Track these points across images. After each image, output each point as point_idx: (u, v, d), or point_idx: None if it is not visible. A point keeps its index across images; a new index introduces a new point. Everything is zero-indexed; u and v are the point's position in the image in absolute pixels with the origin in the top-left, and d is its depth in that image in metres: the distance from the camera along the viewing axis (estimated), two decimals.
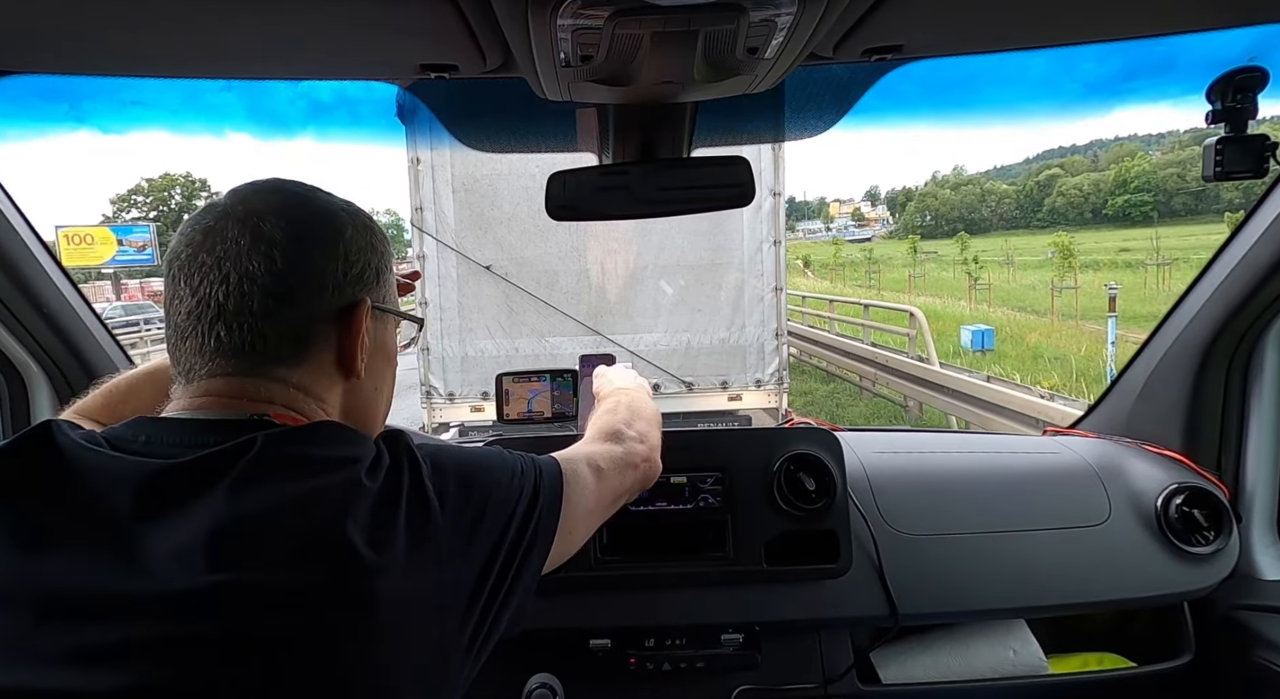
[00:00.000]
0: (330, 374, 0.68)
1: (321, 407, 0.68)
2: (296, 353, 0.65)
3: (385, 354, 0.75)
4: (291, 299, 0.64)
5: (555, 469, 0.79)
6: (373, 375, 0.72)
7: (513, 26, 0.72)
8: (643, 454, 0.93)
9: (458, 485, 0.66)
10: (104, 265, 27.04)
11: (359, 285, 0.69)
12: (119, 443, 0.61)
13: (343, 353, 0.68)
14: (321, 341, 0.67)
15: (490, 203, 5.26)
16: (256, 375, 0.64)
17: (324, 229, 0.67)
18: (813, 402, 10.55)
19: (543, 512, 0.73)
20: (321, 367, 0.67)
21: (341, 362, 0.68)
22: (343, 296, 0.67)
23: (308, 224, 0.67)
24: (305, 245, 0.65)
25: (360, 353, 0.68)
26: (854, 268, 43.71)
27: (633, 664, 1.25)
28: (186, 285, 0.64)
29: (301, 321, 0.65)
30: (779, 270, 5.47)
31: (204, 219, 0.66)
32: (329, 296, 0.66)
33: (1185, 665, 1.31)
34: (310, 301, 0.65)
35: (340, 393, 0.70)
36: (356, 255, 0.69)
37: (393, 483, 0.62)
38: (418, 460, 0.66)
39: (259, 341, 0.64)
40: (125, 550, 0.54)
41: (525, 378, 1.33)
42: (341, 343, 0.68)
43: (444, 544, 0.62)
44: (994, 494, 1.36)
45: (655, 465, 0.95)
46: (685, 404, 5.39)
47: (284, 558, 0.55)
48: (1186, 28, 0.90)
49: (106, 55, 0.89)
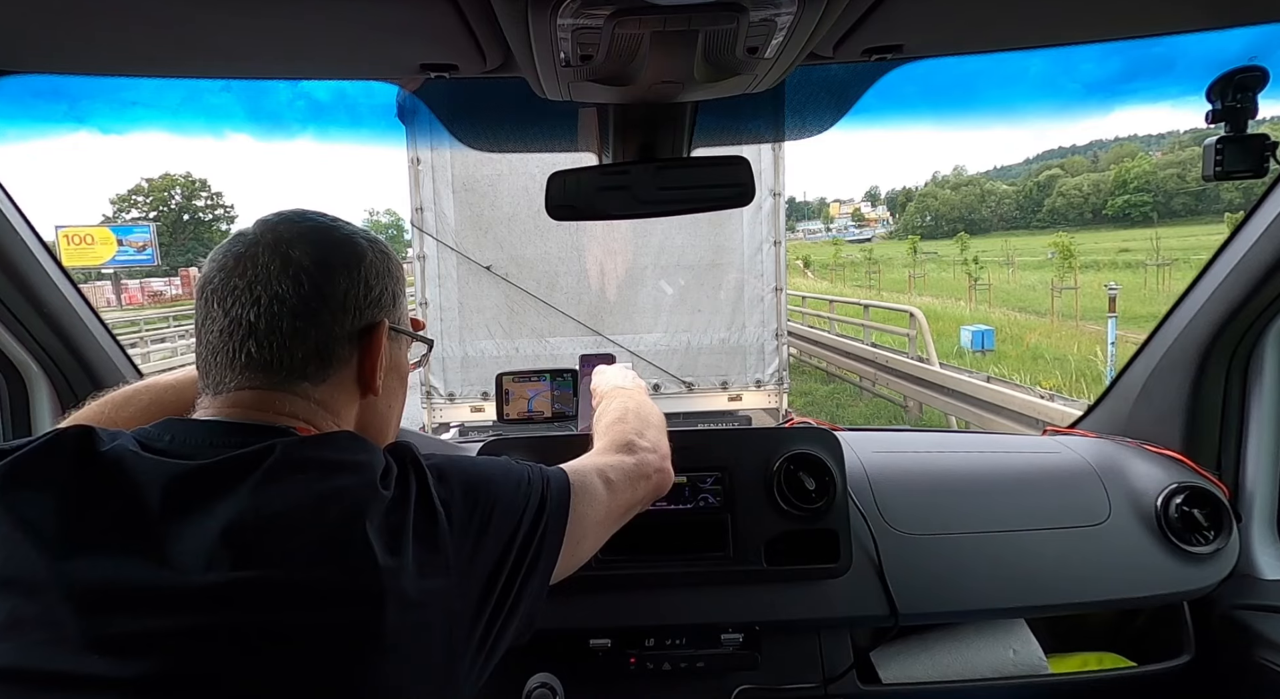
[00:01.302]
0: (349, 390, 0.72)
1: (338, 422, 0.71)
2: (320, 370, 0.70)
3: (399, 373, 0.79)
4: (317, 319, 0.69)
5: (564, 480, 0.81)
6: (387, 393, 0.77)
7: (513, 26, 0.72)
8: (655, 464, 0.95)
9: (463, 495, 0.69)
10: (104, 265, 27.06)
11: (378, 308, 0.73)
12: (148, 442, 0.64)
13: (362, 371, 0.72)
14: (344, 360, 0.71)
15: (490, 203, 5.26)
16: (282, 389, 0.68)
17: (347, 255, 0.72)
18: (813, 402, 10.56)
19: (549, 522, 0.75)
20: (342, 383, 0.71)
21: (361, 379, 0.72)
22: (363, 318, 0.72)
23: (332, 251, 0.71)
24: (330, 270, 0.70)
25: (379, 371, 0.73)
26: (854, 268, 43.72)
27: (633, 664, 1.25)
28: (220, 306, 0.68)
29: (326, 341, 0.69)
30: (779, 270, 5.47)
31: (235, 247, 0.70)
32: (351, 318, 0.71)
33: (1185, 665, 1.31)
34: (334, 322, 0.70)
35: (357, 409, 0.74)
36: (376, 280, 0.73)
37: (401, 491, 0.65)
38: (424, 471, 0.68)
39: (286, 358, 0.68)
40: (155, 547, 0.56)
41: (525, 378, 1.33)
42: (362, 361, 0.72)
43: (451, 552, 0.64)
44: (994, 494, 1.36)
45: (668, 475, 0.97)
46: (685, 404, 5.39)
47: (304, 556, 0.57)
48: (1186, 28, 0.90)
49: (106, 55, 0.89)
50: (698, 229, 5.32)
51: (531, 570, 0.72)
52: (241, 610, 0.55)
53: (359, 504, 0.61)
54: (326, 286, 0.69)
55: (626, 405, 1.05)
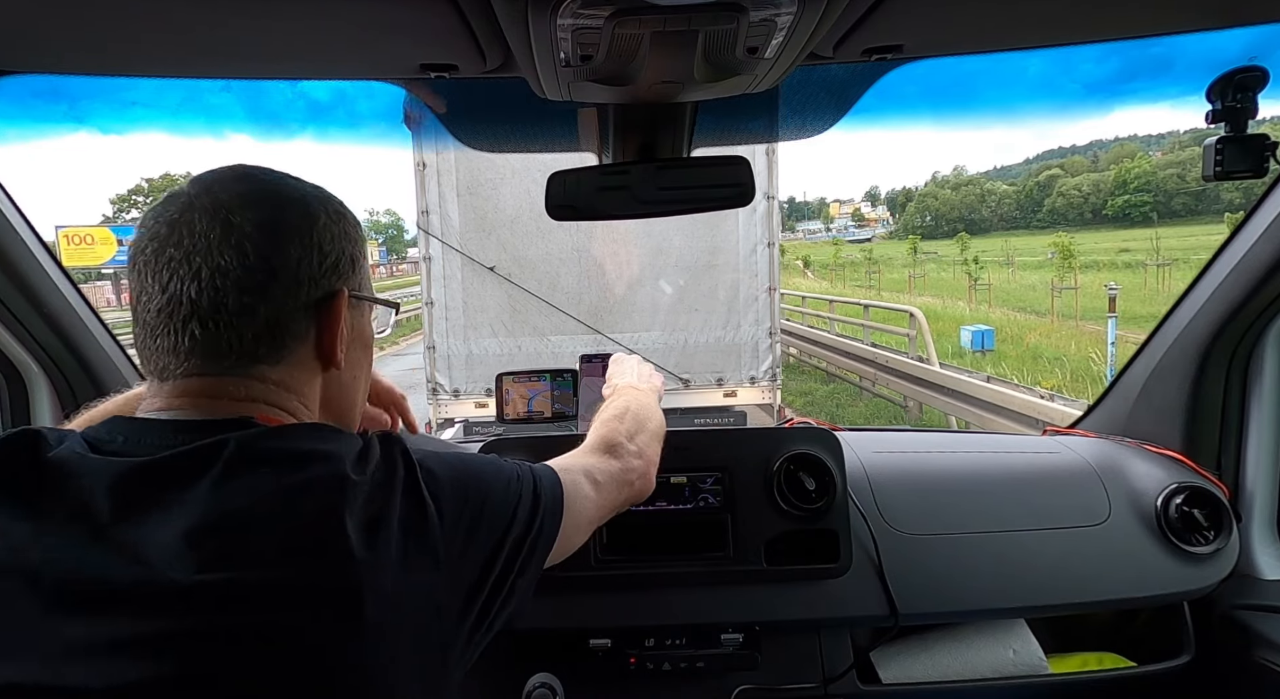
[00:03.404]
0: (310, 367, 0.67)
1: (303, 401, 0.67)
2: (275, 349, 0.64)
3: (363, 342, 0.74)
4: (267, 294, 0.62)
5: (554, 476, 0.80)
6: (351, 364, 0.72)
7: (513, 26, 0.72)
8: (639, 471, 0.93)
9: (453, 490, 0.66)
10: (104, 265, 27.03)
11: (335, 275, 0.67)
12: (97, 444, 0.59)
13: (322, 345, 0.67)
14: (300, 335, 0.66)
15: (494, 206, 5.39)
16: (236, 374, 0.63)
17: (296, 219, 0.65)
18: (813, 402, 10.55)
19: (545, 516, 0.74)
20: (301, 360, 0.66)
21: (321, 353, 0.67)
22: (319, 288, 0.66)
23: (279, 214, 0.65)
24: (279, 237, 0.63)
25: (340, 344, 0.68)
26: (854, 268, 43.70)
27: (633, 664, 1.25)
28: (155, 281, 0.61)
29: (278, 317, 0.63)
30: (773, 271, 5.61)
31: (168, 210, 0.63)
32: (306, 289, 0.65)
33: (1185, 665, 1.31)
34: (286, 295, 0.64)
35: (319, 384, 0.69)
36: (331, 244, 0.67)
37: (384, 479, 0.62)
38: (414, 463, 0.65)
39: (235, 340, 0.62)
40: (111, 549, 0.53)
41: (525, 378, 1.33)
42: (321, 335, 0.67)
43: (441, 547, 0.62)
44: (994, 494, 1.36)
45: (649, 483, 0.95)
46: (682, 400, 5.53)
47: (273, 553, 0.54)
48: (1186, 28, 0.90)
49: (106, 55, 0.89)
50: (694, 230, 5.45)
51: (525, 566, 0.71)
52: (215, 614, 0.52)
53: (332, 496, 0.57)
54: (275, 256, 0.63)
55: (629, 405, 1.03)
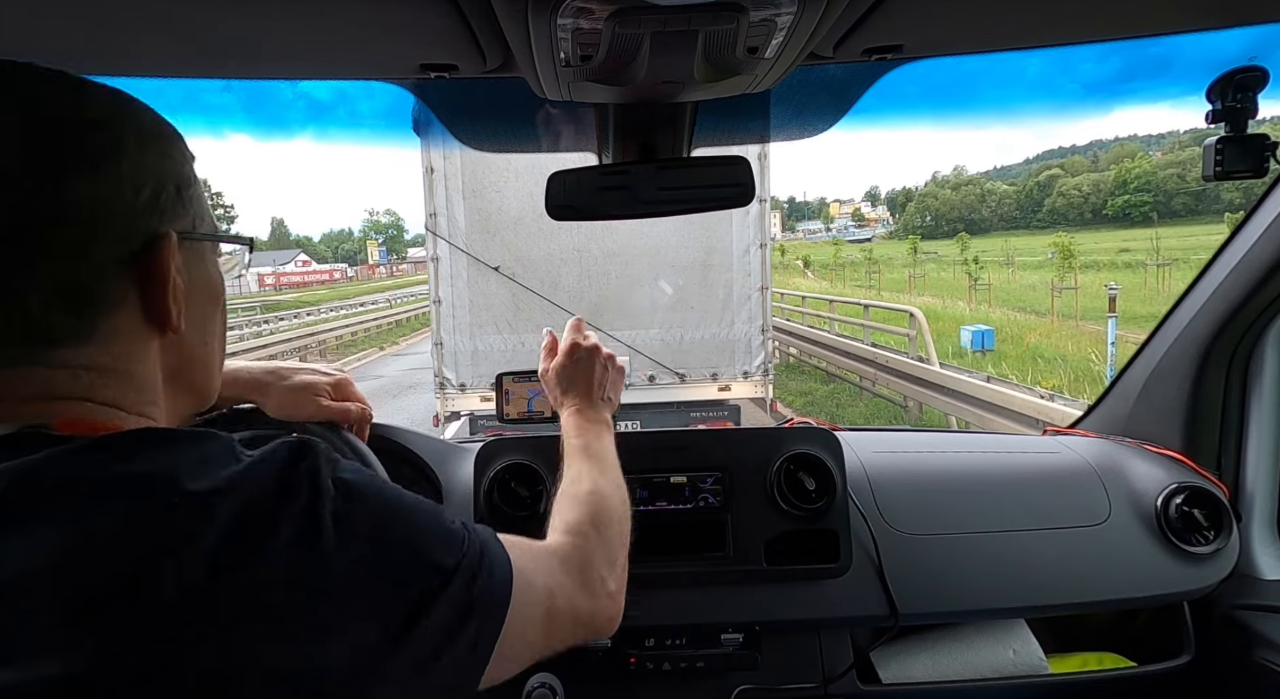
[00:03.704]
0: (139, 336, 0.52)
1: (134, 383, 0.52)
2: (78, 324, 0.48)
3: (210, 292, 0.59)
4: (54, 252, 0.47)
5: (505, 565, 0.59)
6: (197, 324, 0.57)
7: (513, 26, 0.72)
8: (608, 614, 0.72)
9: (371, 519, 0.51)
10: None
11: (154, 215, 0.51)
12: None
13: (150, 306, 0.52)
14: (115, 299, 0.50)
15: (498, 207, 5.59)
16: (23, 364, 0.48)
17: (91, 146, 0.49)
18: (813, 402, 10.56)
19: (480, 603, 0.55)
20: (123, 331, 0.51)
21: (151, 317, 0.52)
22: (135, 234, 0.50)
23: (60, 140, 0.48)
24: (64, 173, 0.47)
25: (173, 301, 0.52)
26: (854, 268, 43.76)
27: (633, 664, 1.25)
28: None
29: (75, 280, 0.48)
30: (765, 271, 5.83)
31: None
32: (114, 238, 0.49)
33: (1185, 665, 1.31)
34: (86, 250, 0.48)
35: (157, 355, 0.54)
36: (144, 175, 0.51)
37: (265, 494, 0.47)
38: (321, 486, 0.49)
39: (18, 317, 0.46)
40: None
41: (525, 378, 1.33)
42: (146, 294, 0.51)
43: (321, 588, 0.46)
44: (994, 494, 1.36)
45: (614, 625, 0.74)
46: (679, 394, 5.81)
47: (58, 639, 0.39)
48: (1186, 28, 0.90)
49: (105, 55, 0.89)
50: (691, 231, 5.64)
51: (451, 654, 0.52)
52: None
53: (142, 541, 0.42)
54: (63, 199, 0.47)
55: (596, 485, 0.86)
